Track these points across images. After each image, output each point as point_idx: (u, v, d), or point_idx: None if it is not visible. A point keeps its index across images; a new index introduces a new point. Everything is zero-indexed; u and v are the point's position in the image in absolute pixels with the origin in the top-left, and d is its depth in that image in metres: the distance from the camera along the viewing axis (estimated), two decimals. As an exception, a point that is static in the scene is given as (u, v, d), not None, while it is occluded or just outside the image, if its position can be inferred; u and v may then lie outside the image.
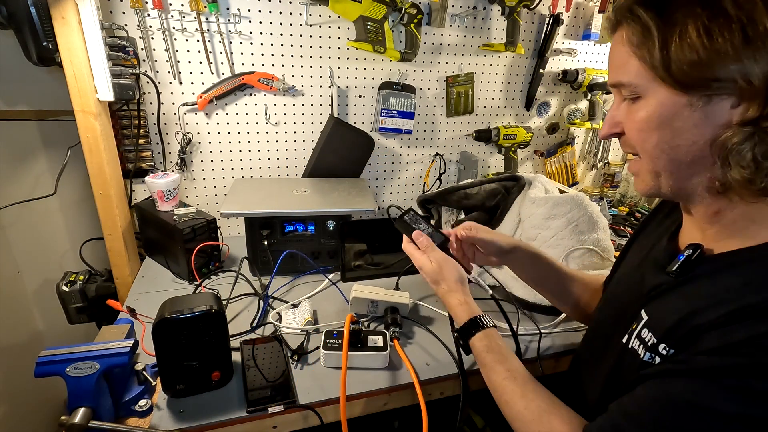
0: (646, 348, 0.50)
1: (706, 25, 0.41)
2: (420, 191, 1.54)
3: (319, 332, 0.91)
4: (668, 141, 0.46)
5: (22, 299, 1.22)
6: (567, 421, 0.53)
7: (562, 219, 1.05)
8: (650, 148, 0.48)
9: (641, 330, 0.52)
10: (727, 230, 0.48)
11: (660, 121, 0.46)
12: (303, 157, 1.36)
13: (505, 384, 0.59)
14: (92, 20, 0.90)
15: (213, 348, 0.73)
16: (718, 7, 0.41)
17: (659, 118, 0.46)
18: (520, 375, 0.60)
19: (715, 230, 0.49)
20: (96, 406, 0.64)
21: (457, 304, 0.69)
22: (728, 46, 0.40)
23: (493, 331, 0.66)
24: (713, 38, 0.41)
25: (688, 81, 0.43)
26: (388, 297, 0.94)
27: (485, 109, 1.51)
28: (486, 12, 1.37)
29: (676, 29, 0.42)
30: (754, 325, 0.40)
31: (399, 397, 0.81)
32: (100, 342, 0.69)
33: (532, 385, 0.59)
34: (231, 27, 1.15)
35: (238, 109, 1.24)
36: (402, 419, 1.09)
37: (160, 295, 0.91)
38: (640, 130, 0.49)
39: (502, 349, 0.63)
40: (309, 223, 1.11)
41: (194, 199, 1.30)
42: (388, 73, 1.34)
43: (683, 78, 0.43)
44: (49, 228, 1.24)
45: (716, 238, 0.49)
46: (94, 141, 0.96)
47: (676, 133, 0.46)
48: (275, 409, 0.73)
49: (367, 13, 1.18)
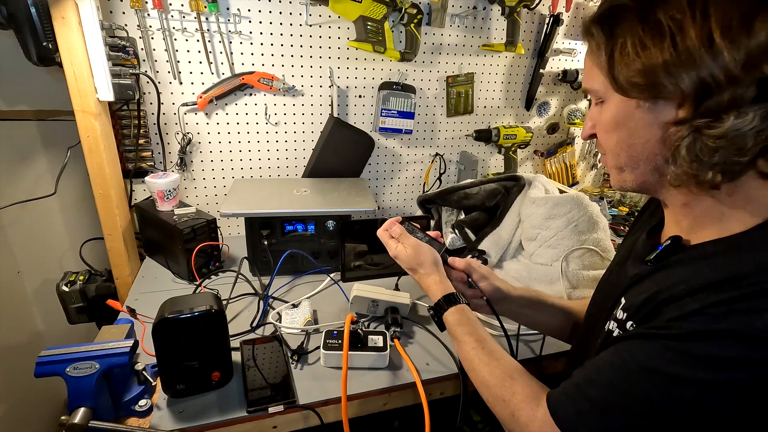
0: (618, 325, 0.55)
1: (641, 37, 0.46)
2: (420, 191, 1.54)
3: (319, 332, 0.92)
4: (626, 140, 0.52)
5: (22, 299, 1.23)
6: (528, 385, 0.57)
7: (562, 219, 1.06)
8: (612, 146, 0.54)
9: (618, 312, 0.56)
10: (699, 221, 0.51)
11: (617, 122, 0.52)
12: (303, 157, 1.36)
13: (473, 354, 0.63)
14: (92, 20, 0.90)
15: (213, 348, 0.73)
16: (654, 20, 0.45)
17: (616, 119, 0.52)
18: (487, 344, 0.64)
19: (689, 222, 0.53)
20: (96, 406, 0.64)
21: (433, 284, 0.73)
22: (659, 56, 0.45)
23: (465, 307, 0.70)
24: (647, 49, 0.45)
25: (632, 88, 0.48)
26: (388, 297, 0.94)
27: (485, 109, 1.51)
28: (486, 12, 1.37)
29: (618, 43, 0.48)
30: (706, 297, 0.43)
31: (399, 397, 0.81)
32: (100, 342, 0.69)
33: (499, 353, 0.62)
34: (231, 27, 1.15)
35: (238, 109, 1.24)
36: (402, 419, 1.09)
37: (160, 295, 0.91)
38: (605, 131, 0.54)
39: (472, 322, 0.67)
40: (309, 223, 1.11)
41: (194, 199, 1.30)
42: (388, 73, 1.34)
43: (627, 85, 0.48)
44: (49, 228, 1.24)
45: (691, 229, 0.52)
46: (94, 141, 0.96)
47: (631, 132, 0.51)
48: (275, 409, 0.73)
49: (367, 13, 1.19)
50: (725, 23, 0.42)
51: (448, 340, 0.90)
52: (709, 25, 0.43)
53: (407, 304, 0.95)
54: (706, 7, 0.43)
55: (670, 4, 0.45)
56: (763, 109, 0.42)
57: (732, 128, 0.42)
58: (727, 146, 0.43)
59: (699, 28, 0.43)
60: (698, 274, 0.46)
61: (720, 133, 0.43)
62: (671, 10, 0.45)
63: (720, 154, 0.44)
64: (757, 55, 0.41)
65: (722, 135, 0.43)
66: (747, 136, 0.42)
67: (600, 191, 1.78)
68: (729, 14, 0.42)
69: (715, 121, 0.43)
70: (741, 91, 0.42)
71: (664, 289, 0.48)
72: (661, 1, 0.46)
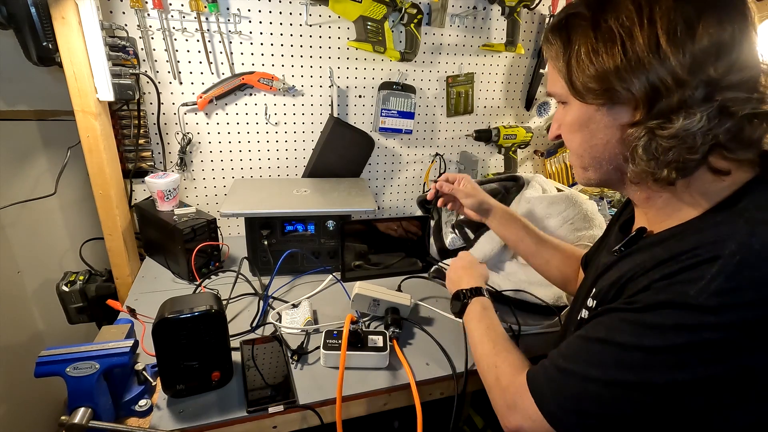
0: (589, 313, 0.59)
1: (594, 44, 0.49)
2: (420, 191, 1.54)
3: (319, 332, 0.91)
4: (588, 141, 0.55)
5: (22, 299, 1.23)
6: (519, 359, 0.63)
7: (558, 218, 1.06)
8: (575, 147, 0.57)
9: (589, 300, 0.60)
10: (661, 214, 0.54)
11: (580, 124, 0.54)
12: (303, 157, 1.36)
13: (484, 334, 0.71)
14: (92, 20, 0.90)
15: (213, 348, 0.73)
16: (606, 27, 0.48)
17: (578, 121, 0.54)
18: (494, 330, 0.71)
19: (653, 214, 0.56)
20: (96, 406, 0.64)
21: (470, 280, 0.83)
22: (610, 62, 0.47)
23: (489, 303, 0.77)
24: (600, 56, 0.48)
25: (588, 93, 0.51)
26: (389, 297, 0.94)
27: (485, 109, 1.51)
28: (486, 12, 1.37)
29: (574, 50, 0.51)
30: (653, 275, 0.47)
31: (399, 397, 0.81)
32: (100, 342, 0.69)
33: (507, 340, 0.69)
34: (231, 27, 1.15)
35: (238, 109, 1.24)
36: (402, 419, 1.09)
37: (160, 295, 0.91)
38: (568, 132, 0.57)
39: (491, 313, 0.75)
40: (309, 223, 1.11)
41: (194, 199, 1.29)
42: (388, 73, 1.34)
43: (584, 91, 0.51)
44: (49, 228, 1.24)
45: (655, 221, 0.56)
46: (94, 141, 0.96)
47: (593, 133, 0.54)
48: (275, 409, 0.73)
49: (367, 13, 1.18)
50: (671, 29, 0.45)
51: (448, 341, 0.90)
52: (656, 32, 0.45)
53: (408, 306, 0.95)
54: (653, 14, 0.46)
55: (620, 11, 0.47)
56: (710, 109, 0.44)
57: (682, 128, 0.45)
58: (679, 145, 0.46)
59: (646, 34, 0.46)
60: (653, 257, 0.50)
61: (671, 134, 0.45)
62: (621, 18, 0.47)
63: (673, 152, 0.46)
64: (701, 58, 0.44)
65: (674, 135, 0.45)
66: (696, 135, 0.45)
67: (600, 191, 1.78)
68: (674, 21, 0.45)
69: (666, 122, 0.46)
70: (689, 93, 0.45)
71: (625, 273, 0.52)
72: (613, 9, 0.48)
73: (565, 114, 0.57)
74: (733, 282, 0.41)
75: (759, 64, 0.46)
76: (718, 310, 0.41)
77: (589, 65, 0.49)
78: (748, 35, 0.45)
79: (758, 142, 0.46)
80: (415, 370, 0.81)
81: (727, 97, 0.44)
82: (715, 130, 0.45)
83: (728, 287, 0.41)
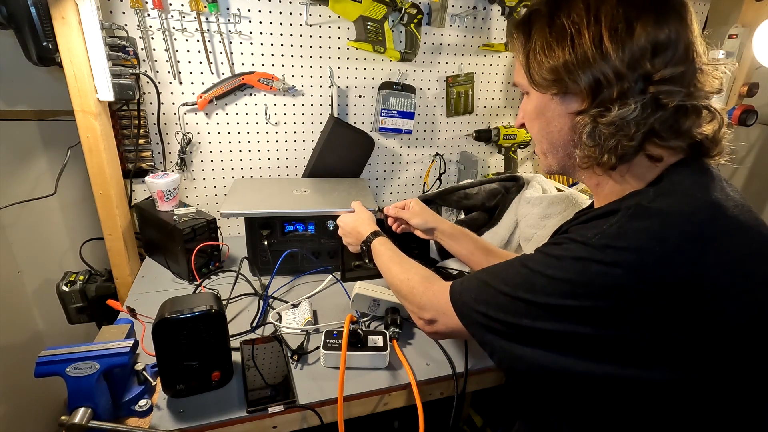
0: None
1: (548, 40, 0.54)
2: (420, 191, 1.54)
3: (319, 332, 0.92)
4: (545, 128, 0.60)
5: (22, 299, 1.23)
6: (426, 270, 0.75)
7: (557, 218, 1.06)
8: (535, 133, 0.62)
9: None
10: (608, 197, 0.59)
11: (537, 113, 0.60)
12: (303, 157, 1.36)
13: (389, 261, 0.82)
14: (92, 20, 0.90)
15: (213, 348, 0.73)
16: (559, 24, 0.53)
17: (537, 110, 0.60)
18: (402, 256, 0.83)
19: (603, 197, 0.60)
20: (96, 406, 0.64)
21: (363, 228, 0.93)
22: (562, 56, 0.52)
23: (387, 239, 0.89)
24: (553, 50, 0.53)
25: (543, 84, 0.56)
26: (389, 297, 0.94)
27: (485, 109, 1.51)
28: (486, 12, 1.37)
29: (533, 45, 0.56)
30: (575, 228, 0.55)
31: (399, 397, 0.81)
32: (100, 342, 0.69)
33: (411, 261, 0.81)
34: (231, 27, 1.15)
35: (238, 109, 1.24)
36: (402, 419, 1.09)
37: (160, 295, 0.91)
38: (529, 119, 0.62)
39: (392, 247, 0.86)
40: (309, 223, 1.11)
41: (194, 199, 1.29)
42: (388, 73, 1.34)
43: (540, 81, 0.56)
44: (49, 228, 1.24)
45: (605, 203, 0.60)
46: (94, 141, 0.96)
47: (548, 121, 0.59)
48: (275, 409, 0.73)
49: (367, 13, 1.18)
50: (612, 27, 0.50)
51: (447, 341, 0.90)
52: (600, 29, 0.50)
53: (407, 304, 0.95)
54: (599, 13, 0.51)
55: (572, 10, 0.52)
56: (643, 100, 0.49)
57: (618, 116, 0.50)
58: (618, 132, 0.51)
59: (592, 32, 0.51)
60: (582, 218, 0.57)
61: (609, 121, 0.50)
62: (573, 16, 0.52)
63: (613, 139, 0.51)
64: (638, 54, 0.49)
65: (612, 122, 0.50)
66: (631, 123, 0.50)
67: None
68: (616, 19, 0.50)
69: (605, 111, 0.51)
70: (627, 86, 0.50)
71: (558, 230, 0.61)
72: (566, 7, 0.53)
73: (527, 103, 0.62)
74: (620, 229, 0.48)
75: (694, 63, 0.51)
76: (604, 249, 0.47)
77: (544, 59, 0.54)
78: (684, 36, 0.51)
79: (689, 131, 0.51)
80: (415, 370, 0.81)
81: (660, 90, 0.49)
82: (649, 119, 0.50)
83: (615, 233, 0.48)
